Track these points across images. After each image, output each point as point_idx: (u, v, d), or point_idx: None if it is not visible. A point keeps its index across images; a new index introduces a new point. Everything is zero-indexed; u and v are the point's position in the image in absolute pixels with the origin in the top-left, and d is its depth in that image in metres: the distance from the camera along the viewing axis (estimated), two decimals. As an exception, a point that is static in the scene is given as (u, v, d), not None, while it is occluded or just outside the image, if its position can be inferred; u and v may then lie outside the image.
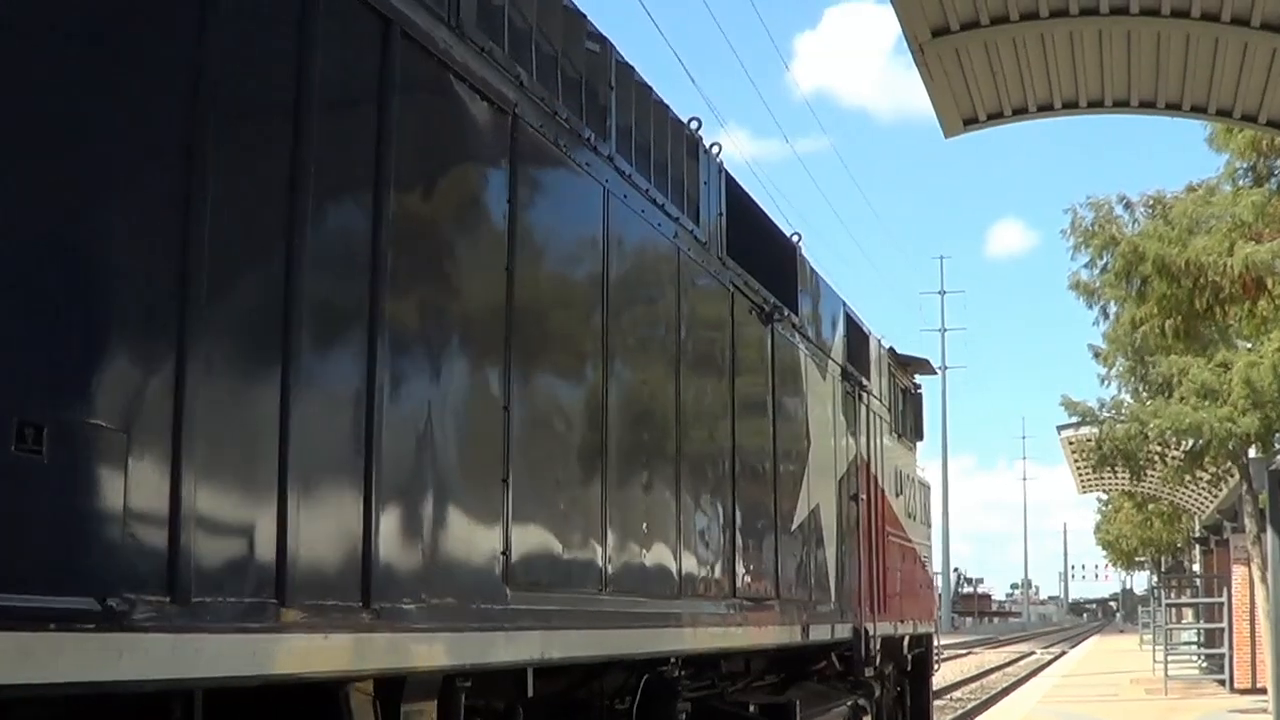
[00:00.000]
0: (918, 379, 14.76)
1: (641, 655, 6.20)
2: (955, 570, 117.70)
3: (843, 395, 10.84)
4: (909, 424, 14.28)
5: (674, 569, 6.52)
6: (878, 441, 12.27)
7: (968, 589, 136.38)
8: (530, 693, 5.10)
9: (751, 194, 8.80)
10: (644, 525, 6.15)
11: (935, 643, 15.51)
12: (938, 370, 15.37)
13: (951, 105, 9.08)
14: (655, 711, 6.63)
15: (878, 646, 11.69)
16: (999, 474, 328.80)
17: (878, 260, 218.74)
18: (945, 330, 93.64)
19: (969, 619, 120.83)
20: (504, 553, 4.79)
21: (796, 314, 9.32)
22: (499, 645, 4.76)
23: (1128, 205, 17.66)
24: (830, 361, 10.44)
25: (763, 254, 8.62)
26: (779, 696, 9.36)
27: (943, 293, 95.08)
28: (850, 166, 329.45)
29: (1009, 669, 43.62)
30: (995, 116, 9.36)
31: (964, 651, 54.05)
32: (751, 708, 8.73)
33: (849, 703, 10.89)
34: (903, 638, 13.31)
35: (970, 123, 9.37)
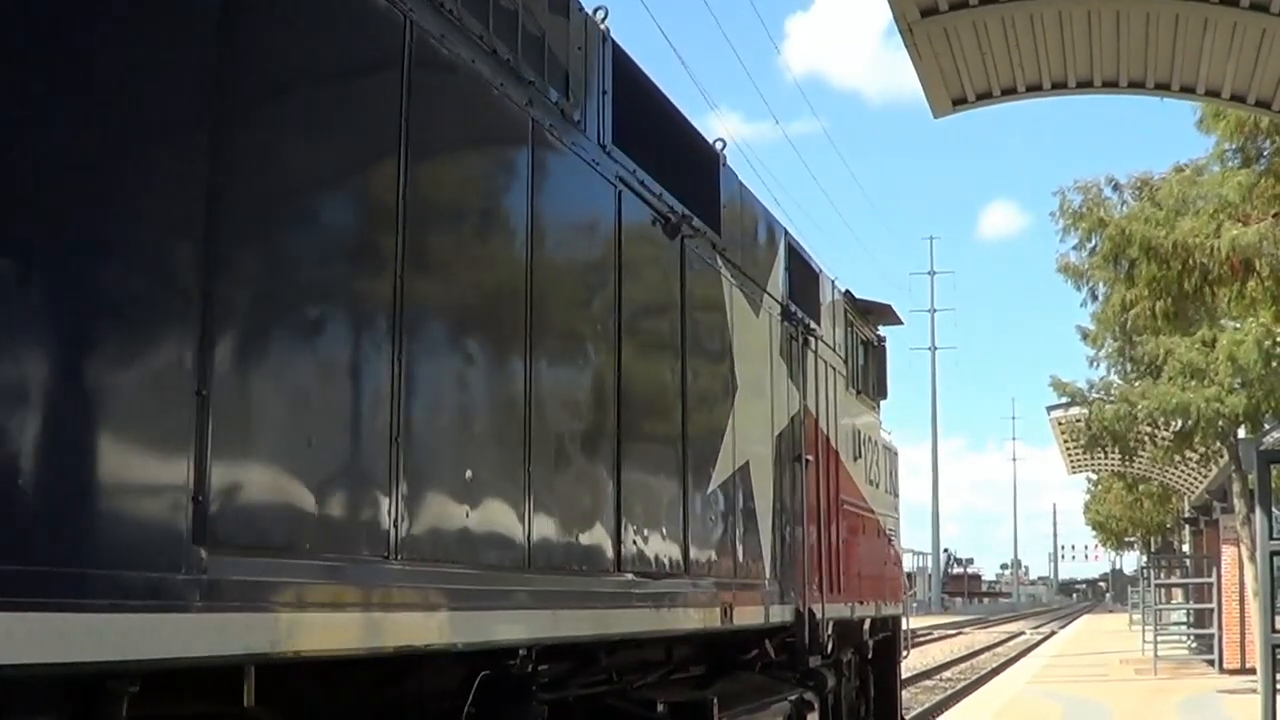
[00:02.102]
0: (881, 330, 13.13)
1: (448, 646, 4.59)
2: (945, 551, 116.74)
3: (784, 338, 9.26)
4: (870, 379, 12.59)
5: (518, 533, 4.94)
6: (830, 396, 10.68)
7: (958, 569, 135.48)
8: (249, 699, 3.55)
9: (676, 103, 7.28)
10: (467, 473, 4.60)
11: (904, 625, 13.95)
12: (904, 320, 14.00)
13: (940, 85, 9.07)
14: (499, 715, 5.10)
15: (829, 631, 10.15)
16: (989, 455, 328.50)
17: (869, 242, 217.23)
18: (935, 311, 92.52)
19: (959, 599, 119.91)
20: (197, 498, 3.26)
21: (718, 233, 7.76)
22: (184, 633, 3.22)
23: (1116, 187, 17.71)
24: (767, 296, 8.87)
25: (671, 155, 7.06)
26: (700, 692, 7.83)
27: (932, 273, 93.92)
28: (842, 149, 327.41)
29: (999, 649, 43.34)
30: (984, 97, 9.33)
31: (954, 632, 53.76)
32: (660, 706, 7.20)
33: (792, 697, 9.34)
34: (862, 620, 11.75)
35: (959, 103, 9.33)
